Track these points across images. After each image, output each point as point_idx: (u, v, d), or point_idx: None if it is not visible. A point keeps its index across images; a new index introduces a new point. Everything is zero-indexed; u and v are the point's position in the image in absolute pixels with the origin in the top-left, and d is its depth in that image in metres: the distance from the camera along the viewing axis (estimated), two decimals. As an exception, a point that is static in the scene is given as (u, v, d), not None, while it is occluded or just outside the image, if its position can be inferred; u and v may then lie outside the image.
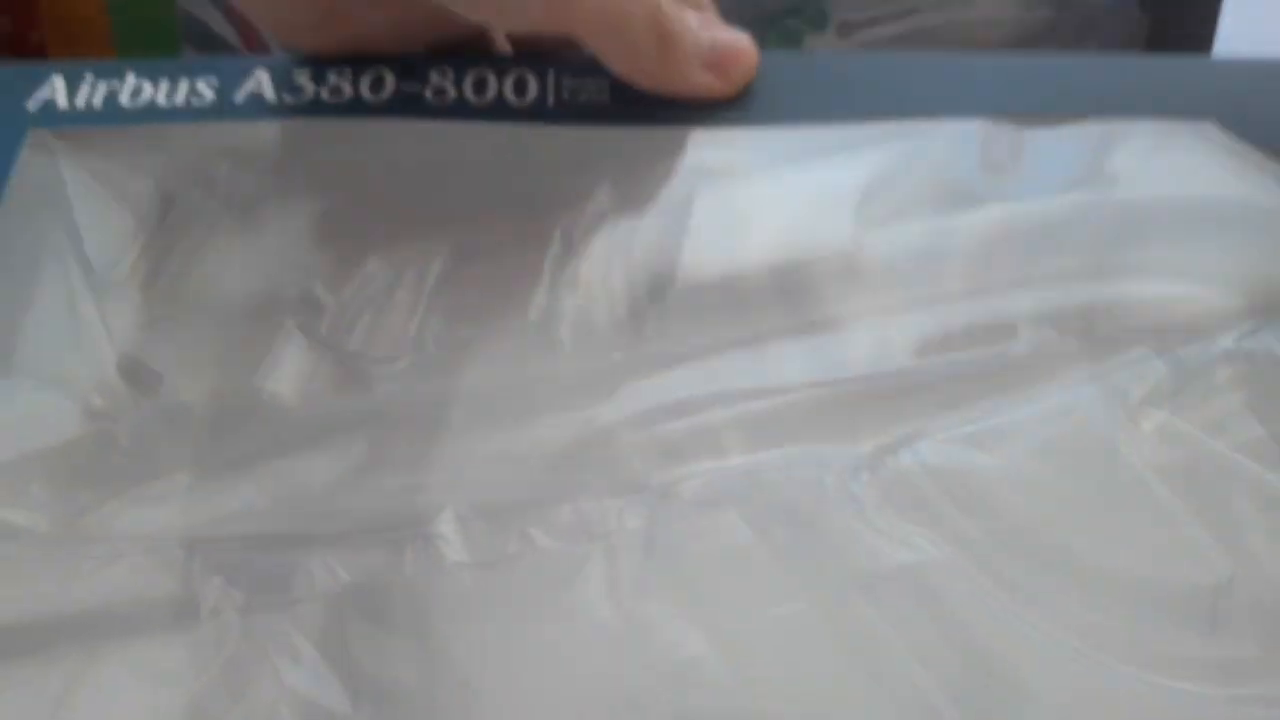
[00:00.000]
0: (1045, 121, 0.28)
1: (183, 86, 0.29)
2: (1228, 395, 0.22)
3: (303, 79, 0.29)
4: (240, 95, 0.29)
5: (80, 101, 0.29)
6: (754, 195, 0.26)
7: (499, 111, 0.28)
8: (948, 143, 0.27)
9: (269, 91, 0.29)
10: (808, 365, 0.23)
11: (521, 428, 0.22)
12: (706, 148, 0.27)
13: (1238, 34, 0.36)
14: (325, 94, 0.28)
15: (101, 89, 0.29)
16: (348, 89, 0.28)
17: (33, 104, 0.28)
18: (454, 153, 0.27)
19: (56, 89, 0.29)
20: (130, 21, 0.36)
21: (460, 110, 0.28)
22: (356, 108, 0.28)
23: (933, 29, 0.35)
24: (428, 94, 0.28)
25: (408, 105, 0.28)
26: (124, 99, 0.29)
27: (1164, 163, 0.27)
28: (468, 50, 0.28)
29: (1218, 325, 0.23)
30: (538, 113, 0.28)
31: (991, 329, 0.23)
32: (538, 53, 0.28)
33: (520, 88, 0.28)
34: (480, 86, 0.28)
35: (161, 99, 0.29)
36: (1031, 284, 0.24)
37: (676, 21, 0.27)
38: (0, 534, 0.20)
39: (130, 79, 0.29)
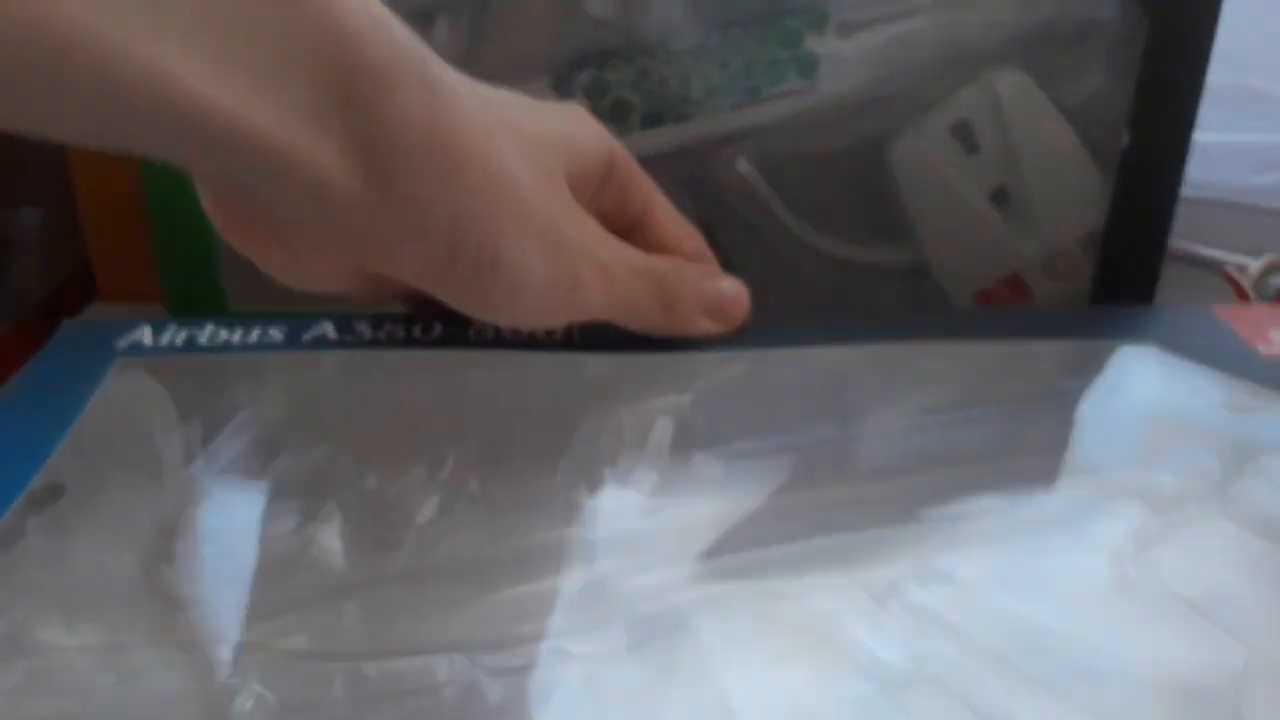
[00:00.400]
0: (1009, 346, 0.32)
1: (255, 332, 0.32)
2: (1204, 531, 0.24)
3: (363, 326, 0.32)
4: (307, 337, 0.32)
5: (164, 341, 0.32)
6: (751, 395, 0.30)
7: (531, 348, 0.32)
8: (932, 357, 0.31)
9: (332, 333, 0.32)
10: (814, 525, 0.25)
11: (544, 579, 0.23)
12: (707, 364, 0.31)
13: (1238, 33, 0.36)
14: (382, 335, 0.32)
15: (183, 334, 0.32)
16: (401, 333, 0.32)
17: (121, 344, 0.31)
18: (490, 374, 0.31)
19: (144, 334, 0.32)
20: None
21: (498, 347, 0.32)
22: (409, 345, 0.32)
23: (932, 31, 0.35)
24: (471, 335, 0.32)
25: (453, 344, 0.32)
26: (202, 340, 0.32)
27: (1117, 374, 0.31)
28: None
29: (1186, 496, 0.26)
30: (565, 349, 0.32)
31: (984, 499, 0.26)
32: None
33: (549, 329, 0.32)
34: (516, 329, 0.32)
35: (235, 340, 0.32)
36: (1009, 476, 0.27)
37: (679, 287, 0.31)
38: (42, 650, 0.21)
39: (209, 328, 0.32)
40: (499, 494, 0.26)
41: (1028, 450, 0.28)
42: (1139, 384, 0.30)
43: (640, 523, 0.25)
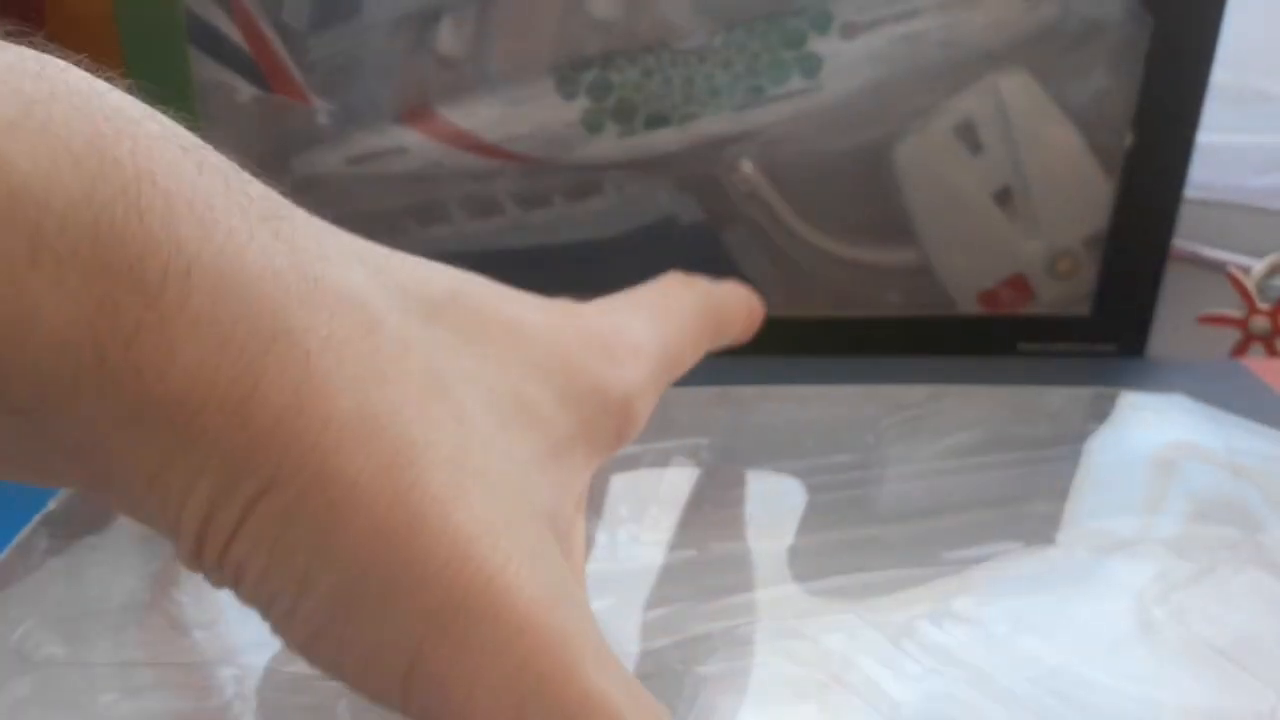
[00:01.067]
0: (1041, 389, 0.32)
1: None
2: (1233, 577, 0.24)
3: None
4: None
5: None
6: (770, 435, 0.30)
7: None
8: (958, 401, 0.32)
9: None
10: (830, 565, 0.25)
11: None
12: (727, 401, 0.31)
13: (1242, 34, 0.36)
14: None
15: None
16: None
17: None
18: None
19: None
20: (136, 21, 0.36)
21: None
22: None
23: (936, 32, 0.35)
24: None
25: None
26: None
27: (1144, 421, 0.31)
28: None
29: (1214, 542, 0.25)
30: None
31: (1005, 543, 0.26)
32: None
33: None
34: None
35: None
36: (1032, 521, 0.27)
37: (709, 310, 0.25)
38: (49, 665, 0.21)
39: None
40: None
41: (1051, 495, 0.27)
42: (1166, 431, 0.30)
43: (652, 558, 0.25)
